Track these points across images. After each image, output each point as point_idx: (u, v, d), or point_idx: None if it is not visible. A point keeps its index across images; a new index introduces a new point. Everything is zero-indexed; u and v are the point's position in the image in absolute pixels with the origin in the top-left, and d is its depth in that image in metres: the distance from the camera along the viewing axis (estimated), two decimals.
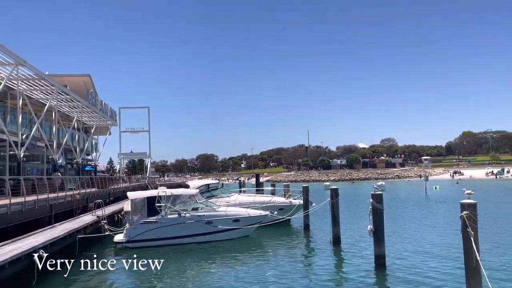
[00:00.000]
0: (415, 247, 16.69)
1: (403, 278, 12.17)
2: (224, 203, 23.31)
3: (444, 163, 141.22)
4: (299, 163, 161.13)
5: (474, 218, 8.98)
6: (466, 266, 9.04)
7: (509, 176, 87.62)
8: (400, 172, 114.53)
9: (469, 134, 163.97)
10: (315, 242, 18.89)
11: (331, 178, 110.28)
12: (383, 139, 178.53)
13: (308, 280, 12.64)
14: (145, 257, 16.48)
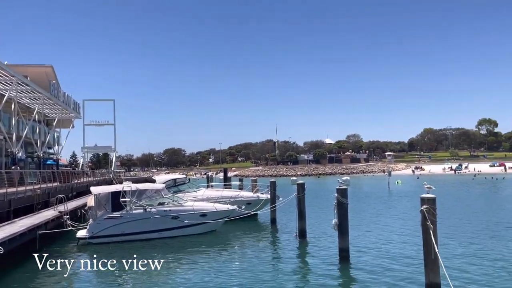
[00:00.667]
0: (378, 240, 17.19)
1: (366, 270, 12.52)
2: (191, 197, 23.14)
3: (407, 158, 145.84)
4: (267, 158, 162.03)
5: (433, 212, 9.32)
6: (425, 258, 9.39)
7: (467, 172, 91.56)
8: (364, 167, 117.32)
9: (430, 131, 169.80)
10: (282, 236, 19.09)
11: (298, 173, 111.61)
12: (349, 135, 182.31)
13: (274, 273, 12.78)
14: (108, 253, 16.18)
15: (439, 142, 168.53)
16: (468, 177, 74.59)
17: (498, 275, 11.51)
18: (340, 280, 11.93)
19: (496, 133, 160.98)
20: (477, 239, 16.68)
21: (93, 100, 74.40)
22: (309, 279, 12.09)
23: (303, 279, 12.15)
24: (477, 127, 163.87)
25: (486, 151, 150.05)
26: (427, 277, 9.34)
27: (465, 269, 12.15)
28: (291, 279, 12.10)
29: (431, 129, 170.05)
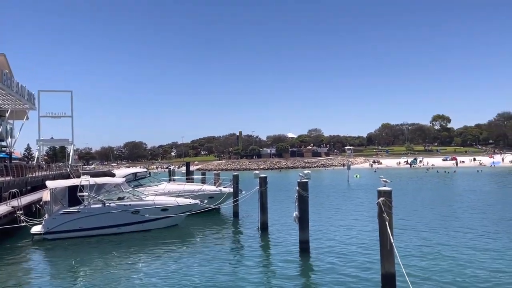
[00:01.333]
0: (337, 231, 17.68)
1: (325, 261, 12.87)
2: (153, 192, 22.80)
3: (365, 152, 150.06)
4: (230, 151, 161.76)
5: (389, 204, 9.69)
6: (381, 249, 9.76)
7: (422, 165, 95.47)
8: (325, 161, 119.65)
9: (387, 126, 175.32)
10: (244, 230, 19.22)
11: (261, 166, 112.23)
12: (311, 130, 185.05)
13: (236, 265, 12.88)
14: (65, 249, 15.73)
15: (396, 137, 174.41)
16: (422, 170, 77.78)
17: (449, 264, 12.14)
18: (300, 271, 12.19)
19: (449, 129, 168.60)
20: (430, 229, 17.49)
21: (49, 91, 71.36)
22: (270, 271, 12.27)
23: (264, 271, 12.31)
24: (431, 123, 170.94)
25: (439, 145, 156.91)
26: (383, 266, 9.72)
27: (418, 259, 12.73)
28: (253, 271, 12.23)
29: (389, 124, 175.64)
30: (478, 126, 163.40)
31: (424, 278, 10.82)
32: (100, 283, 11.44)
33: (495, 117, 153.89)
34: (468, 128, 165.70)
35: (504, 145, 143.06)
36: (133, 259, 14.23)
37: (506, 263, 12.00)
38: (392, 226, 9.62)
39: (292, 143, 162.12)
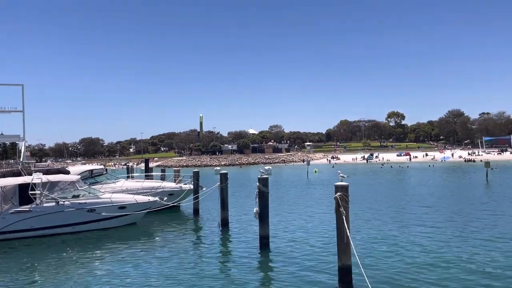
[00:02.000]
0: (296, 226, 17.97)
1: (285, 255, 13.06)
2: (110, 189, 22.19)
3: (324, 148, 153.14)
4: (191, 148, 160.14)
5: (346, 199, 9.97)
6: (338, 242, 10.04)
7: (377, 161, 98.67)
8: (285, 157, 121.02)
9: (345, 122, 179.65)
10: (204, 226, 19.13)
11: (222, 163, 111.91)
12: (271, 126, 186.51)
13: (196, 262, 12.81)
14: (15, 250, 15.04)
15: (353, 133, 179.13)
16: (377, 165, 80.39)
17: (402, 256, 12.66)
18: (260, 265, 12.31)
19: (403, 125, 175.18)
20: (384, 222, 18.15)
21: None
22: (231, 266, 12.30)
23: (224, 267, 12.33)
24: (386, 120, 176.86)
25: (394, 141, 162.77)
26: (340, 259, 10.01)
27: (374, 251, 13.19)
28: (213, 267, 12.22)
29: (347, 121, 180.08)
30: (430, 123, 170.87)
31: (379, 269, 11.24)
32: (53, 286, 11.02)
33: (445, 114, 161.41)
34: (421, 125, 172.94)
35: (454, 141, 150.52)
36: (89, 259, 13.81)
37: (452, 251, 12.65)
38: (348, 219, 9.91)
39: (253, 139, 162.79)
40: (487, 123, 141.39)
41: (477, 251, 12.81)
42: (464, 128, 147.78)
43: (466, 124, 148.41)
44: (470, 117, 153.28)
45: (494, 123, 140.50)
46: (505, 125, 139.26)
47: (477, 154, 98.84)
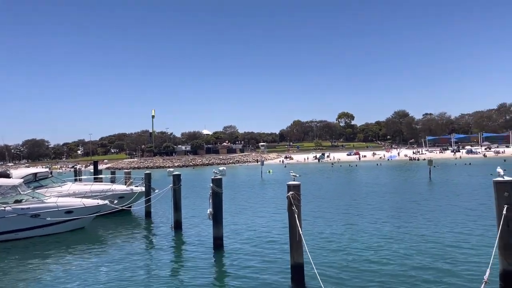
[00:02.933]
0: (250, 226, 18.10)
1: (238, 255, 13.12)
2: (56, 193, 21.22)
3: (278, 148, 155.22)
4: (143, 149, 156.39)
5: (298, 197, 10.18)
6: (291, 240, 10.23)
7: (329, 160, 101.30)
8: (240, 158, 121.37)
9: (298, 123, 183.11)
10: (157, 229, 18.78)
11: (176, 164, 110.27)
12: (226, 126, 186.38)
13: (149, 265, 12.56)
14: None
15: (306, 133, 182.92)
16: (328, 165, 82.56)
17: (352, 252, 13.11)
18: (214, 267, 12.29)
19: (353, 126, 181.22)
20: (335, 220, 18.70)
21: None
22: (184, 269, 12.18)
23: (177, 269, 12.18)
24: (337, 120, 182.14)
25: (344, 141, 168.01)
26: (292, 257, 10.21)
27: (325, 249, 13.55)
28: (166, 270, 12.04)
29: (299, 121, 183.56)
30: (378, 123, 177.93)
31: (330, 266, 11.55)
32: None
33: (392, 115, 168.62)
34: (369, 125, 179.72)
35: (400, 141, 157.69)
36: (33, 266, 13.14)
37: (398, 247, 13.28)
38: (300, 218, 10.13)
39: (208, 140, 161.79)
40: (430, 123, 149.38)
41: (420, 246, 13.52)
42: (409, 128, 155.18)
43: (411, 124, 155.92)
44: (414, 117, 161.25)
45: (436, 123, 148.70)
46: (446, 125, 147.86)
47: (421, 153, 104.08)
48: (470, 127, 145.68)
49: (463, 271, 10.63)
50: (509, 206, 8.83)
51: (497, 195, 9.16)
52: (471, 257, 11.77)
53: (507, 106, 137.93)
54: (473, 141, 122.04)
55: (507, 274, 8.95)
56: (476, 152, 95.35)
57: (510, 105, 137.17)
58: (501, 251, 9.00)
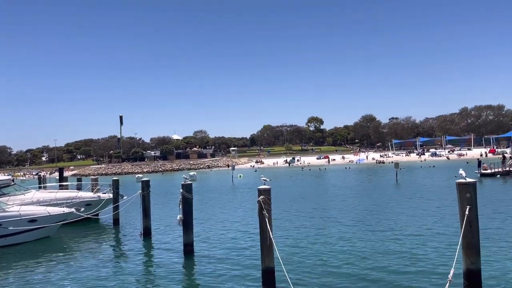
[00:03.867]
0: (221, 231, 17.99)
1: (209, 261, 13.01)
2: (18, 201, 20.41)
3: (249, 153, 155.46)
4: (111, 155, 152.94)
5: (268, 202, 10.22)
6: (262, 245, 10.23)
7: (299, 164, 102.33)
8: (210, 162, 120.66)
9: (268, 127, 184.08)
10: (125, 236, 18.38)
11: (145, 170, 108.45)
12: (196, 131, 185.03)
13: (117, 276, 12.24)
14: None
15: (276, 138, 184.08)
16: (298, 169, 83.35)
17: (323, 255, 13.24)
18: (184, 273, 12.13)
19: (322, 130, 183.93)
20: (305, 224, 18.86)
21: None
22: (153, 277, 11.95)
23: (147, 277, 11.94)
24: (307, 124, 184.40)
25: (314, 145, 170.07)
26: (263, 262, 10.20)
27: (296, 252, 13.63)
28: (135, 278, 11.79)
29: (270, 126, 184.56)
30: (346, 127, 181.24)
31: (301, 271, 11.58)
32: None
33: (360, 119, 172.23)
34: (338, 129, 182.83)
35: (367, 144, 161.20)
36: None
37: (366, 248, 13.55)
38: (271, 222, 10.16)
39: (178, 145, 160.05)
40: (396, 127, 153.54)
41: (387, 247, 13.83)
42: (376, 132, 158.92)
43: (378, 128, 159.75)
44: (381, 121, 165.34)
45: (402, 127, 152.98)
46: (411, 129, 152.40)
47: (387, 156, 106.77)
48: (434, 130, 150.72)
49: (429, 271, 10.95)
50: (471, 206, 9.20)
51: (460, 196, 9.51)
52: (436, 257, 12.14)
53: (468, 110, 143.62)
54: (437, 144, 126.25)
55: (470, 272, 9.30)
56: (440, 154, 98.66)
57: (471, 109, 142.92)
58: (464, 250, 9.34)
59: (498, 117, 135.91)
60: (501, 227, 15.93)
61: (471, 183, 9.40)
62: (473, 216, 9.23)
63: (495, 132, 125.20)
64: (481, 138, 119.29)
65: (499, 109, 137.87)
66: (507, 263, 11.23)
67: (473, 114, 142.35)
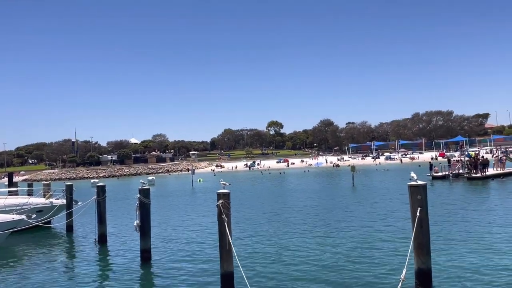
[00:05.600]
0: (179, 236, 17.78)
1: (167, 267, 12.83)
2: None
3: (209, 157, 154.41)
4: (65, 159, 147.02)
5: (227, 206, 10.23)
6: (221, 249, 10.22)
7: (259, 168, 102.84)
8: (170, 167, 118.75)
9: (229, 131, 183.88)
10: (80, 244, 17.74)
11: (101, 174, 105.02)
12: (155, 135, 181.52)
13: (70, 284, 11.78)
14: None
15: (237, 142, 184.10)
16: (258, 172, 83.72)
17: (283, 258, 13.39)
18: (141, 280, 11.88)
19: (282, 134, 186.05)
20: (263, 227, 19.01)
21: None
22: (109, 284, 11.62)
23: (102, 285, 11.59)
24: (267, 128, 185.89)
25: (274, 149, 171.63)
26: (222, 266, 10.19)
27: (255, 256, 13.70)
28: (90, 286, 11.40)
29: (230, 130, 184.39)
30: (305, 132, 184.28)
31: (260, 275, 11.65)
32: None
33: (318, 123, 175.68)
34: (297, 133, 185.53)
35: (325, 148, 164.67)
36: None
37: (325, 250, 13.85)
38: (230, 226, 10.18)
39: (136, 149, 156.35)
40: (353, 132, 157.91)
41: (343, 249, 14.20)
42: (333, 136, 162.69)
43: (335, 133, 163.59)
44: (338, 126, 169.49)
45: (358, 131, 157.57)
46: (367, 133, 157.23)
47: (344, 159, 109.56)
48: (388, 135, 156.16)
49: (382, 271, 11.34)
50: (421, 208, 9.65)
51: (411, 198, 9.96)
52: (389, 258, 12.60)
53: (420, 115, 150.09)
54: (391, 148, 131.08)
55: (421, 272, 9.74)
56: (393, 158, 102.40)
57: (422, 115, 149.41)
58: (416, 251, 9.77)
59: (447, 122, 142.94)
60: (451, 227, 16.77)
61: (422, 185, 9.86)
62: (424, 217, 9.69)
63: (444, 136, 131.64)
64: (431, 142, 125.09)
65: (448, 115, 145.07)
66: (456, 261, 11.84)
67: (424, 119, 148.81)
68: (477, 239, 14.31)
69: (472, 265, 11.39)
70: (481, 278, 10.36)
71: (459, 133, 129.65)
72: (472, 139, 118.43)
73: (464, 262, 11.75)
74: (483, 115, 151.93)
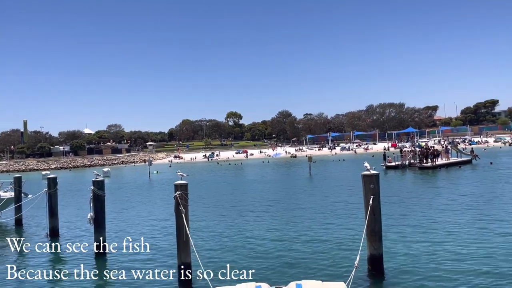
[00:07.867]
0: (135, 229, 17.47)
1: (122, 260, 12.62)
2: None
3: (167, 148, 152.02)
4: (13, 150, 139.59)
5: (185, 197, 10.15)
6: (178, 240, 10.16)
7: (218, 159, 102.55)
8: (126, 158, 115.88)
9: (187, 122, 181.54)
10: (30, 238, 16.98)
11: (52, 166, 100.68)
12: (110, 125, 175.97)
13: (20, 280, 11.28)
14: None
15: (195, 132, 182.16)
16: (217, 164, 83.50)
17: (238, 249, 13.50)
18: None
19: (241, 125, 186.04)
20: (222, 218, 19.04)
21: None
22: (62, 278, 11.25)
23: (55, 280, 11.20)
24: (226, 119, 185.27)
25: (233, 140, 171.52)
26: (179, 257, 10.14)
27: (212, 247, 13.71)
28: (41, 281, 11.00)
29: (189, 120, 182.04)
30: (264, 123, 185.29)
31: (218, 265, 11.65)
32: None
33: (276, 115, 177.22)
34: (256, 124, 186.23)
35: (284, 139, 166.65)
36: None
37: (281, 238, 14.09)
38: (188, 217, 10.12)
39: (90, 139, 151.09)
40: (310, 123, 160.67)
41: (298, 237, 14.52)
42: (292, 127, 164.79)
43: (293, 124, 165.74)
44: (296, 117, 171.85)
45: (315, 122, 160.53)
46: (323, 124, 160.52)
47: (302, 150, 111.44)
48: (344, 126, 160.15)
49: (336, 259, 11.69)
50: (374, 196, 10.02)
51: (365, 187, 10.32)
52: (343, 245, 13.02)
53: (374, 107, 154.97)
54: (346, 139, 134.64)
55: (373, 258, 10.15)
56: (348, 149, 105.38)
57: (376, 107, 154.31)
58: (368, 238, 10.16)
59: (399, 114, 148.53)
60: (403, 214, 17.50)
61: (375, 175, 10.23)
62: (376, 205, 10.08)
63: (396, 128, 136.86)
64: (384, 133, 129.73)
65: (400, 107, 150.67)
66: (406, 247, 12.40)
67: (377, 111, 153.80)
68: (428, 226, 15.04)
69: (423, 251, 11.94)
70: (431, 263, 10.87)
71: (410, 124, 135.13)
72: (422, 131, 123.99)
73: (415, 247, 12.30)
74: (433, 107, 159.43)
